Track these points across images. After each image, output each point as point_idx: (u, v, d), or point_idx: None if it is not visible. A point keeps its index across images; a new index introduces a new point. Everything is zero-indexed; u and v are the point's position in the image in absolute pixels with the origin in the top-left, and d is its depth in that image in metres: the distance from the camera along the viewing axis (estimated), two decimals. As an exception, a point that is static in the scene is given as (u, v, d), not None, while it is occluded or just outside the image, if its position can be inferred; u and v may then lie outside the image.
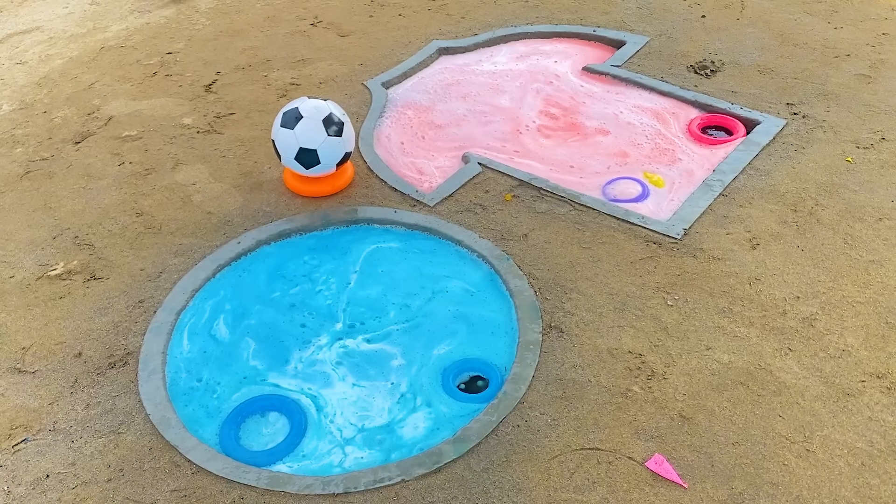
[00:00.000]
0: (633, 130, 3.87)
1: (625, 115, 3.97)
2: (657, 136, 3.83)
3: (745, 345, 2.77)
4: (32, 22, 5.23)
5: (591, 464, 2.42)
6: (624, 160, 3.69)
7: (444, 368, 2.77)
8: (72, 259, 3.29)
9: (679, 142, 3.78)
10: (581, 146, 3.80)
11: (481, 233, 3.27)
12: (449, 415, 2.64)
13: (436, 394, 2.70)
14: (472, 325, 2.93)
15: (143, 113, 4.17)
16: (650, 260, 3.12)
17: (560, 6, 4.88)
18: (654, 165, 3.64)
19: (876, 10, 4.74)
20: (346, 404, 2.69)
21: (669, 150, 3.73)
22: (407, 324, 2.95)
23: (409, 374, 2.78)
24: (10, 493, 2.44)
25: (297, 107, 3.37)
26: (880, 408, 2.56)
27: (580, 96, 4.13)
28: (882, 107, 3.89)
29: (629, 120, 3.93)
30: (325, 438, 2.59)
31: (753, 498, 2.32)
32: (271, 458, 2.52)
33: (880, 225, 3.23)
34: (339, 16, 4.98)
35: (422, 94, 4.21)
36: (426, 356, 2.83)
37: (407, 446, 2.55)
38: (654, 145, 3.77)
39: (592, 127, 3.91)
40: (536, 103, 4.10)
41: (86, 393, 2.73)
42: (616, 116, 3.96)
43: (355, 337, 2.92)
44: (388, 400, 2.70)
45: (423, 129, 3.97)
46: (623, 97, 4.10)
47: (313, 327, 2.96)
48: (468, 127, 3.96)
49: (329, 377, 2.78)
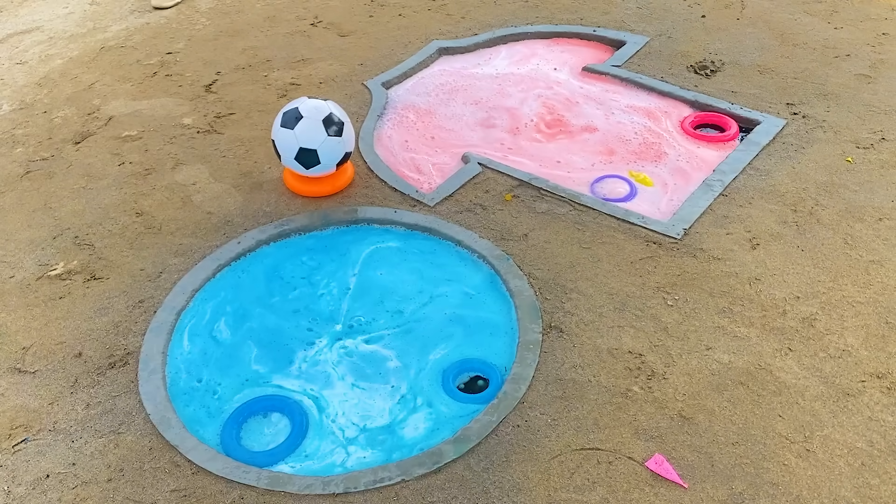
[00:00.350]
0: (622, 128, 3.88)
1: (616, 115, 3.97)
2: (647, 132, 3.84)
3: (745, 345, 2.77)
4: (32, 22, 5.23)
5: (591, 464, 2.42)
6: (609, 158, 3.70)
7: (444, 369, 2.78)
8: (72, 259, 3.29)
9: (670, 138, 3.79)
10: (569, 143, 3.81)
11: (481, 233, 3.27)
12: (449, 415, 2.64)
13: (436, 394, 2.70)
14: (471, 325, 2.93)
15: (143, 113, 4.17)
16: (650, 260, 3.12)
17: (560, 6, 4.88)
18: (640, 164, 3.65)
19: (876, 10, 4.74)
20: (347, 405, 2.69)
21: (656, 144, 3.74)
22: (407, 324, 2.95)
23: (409, 374, 2.78)
24: (10, 493, 2.44)
25: (297, 107, 3.37)
26: (880, 408, 2.56)
27: (576, 96, 4.14)
28: (882, 107, 3.90)
29: (620, 119, 3.94)
30: (327, 439, 2.59)
31: (753, 498, 2.32)
32: (272, 459, 2.52)
33: (880, 225, 3.24)
34: (339, 16, 4.98)
35: (422, 95, 4.21)
36: (426, 357, 2.83)
37: (407, 446, 2.56)
38: (642, 141, 3.78)
39: (580, 125, 3.92)
40: (535, 103, 4.10)
41: (86, 393, 2.73)
42: (607, 116, 3.97)
43: (355, 337, 2.92)
44: (389, 400, 2.70)
45: (423, 129, 3.97)
46: (619, 97, 4.11)
47: (314, 328, 2.96)
48: (468, 126, 3.96)
49: (329, 377, 2.78)
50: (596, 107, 4.04)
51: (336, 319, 2.98)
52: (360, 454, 2.54)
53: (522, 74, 4.32)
